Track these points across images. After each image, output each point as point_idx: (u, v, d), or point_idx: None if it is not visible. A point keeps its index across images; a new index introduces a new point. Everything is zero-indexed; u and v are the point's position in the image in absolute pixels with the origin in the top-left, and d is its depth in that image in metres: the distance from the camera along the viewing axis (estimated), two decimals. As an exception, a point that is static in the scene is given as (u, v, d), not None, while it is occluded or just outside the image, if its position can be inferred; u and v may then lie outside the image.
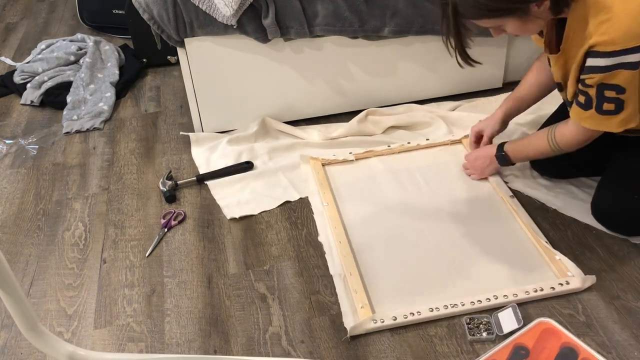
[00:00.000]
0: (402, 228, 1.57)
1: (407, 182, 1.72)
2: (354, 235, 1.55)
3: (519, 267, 1.43)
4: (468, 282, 1.40)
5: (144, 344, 1.33)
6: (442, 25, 1.28)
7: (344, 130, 1.93)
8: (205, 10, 1.74)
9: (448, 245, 1.51)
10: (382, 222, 1.59)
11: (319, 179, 1.73)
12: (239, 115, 1.99)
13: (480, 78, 2.09)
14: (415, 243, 1.52)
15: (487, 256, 1.47)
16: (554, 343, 1.23)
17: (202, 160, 1.88)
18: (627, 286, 1.38)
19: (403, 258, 1.48)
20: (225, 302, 1.42)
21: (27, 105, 2.26)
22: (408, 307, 1.34)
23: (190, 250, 1.57)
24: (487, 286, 1.38)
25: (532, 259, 1.46)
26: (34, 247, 1.61)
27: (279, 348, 1.30)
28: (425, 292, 1.39)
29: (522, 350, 1.22)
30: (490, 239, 1.52)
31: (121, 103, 2.25)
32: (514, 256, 1.47)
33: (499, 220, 1.58)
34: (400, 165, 1.79)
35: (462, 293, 1.37)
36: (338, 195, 1.69)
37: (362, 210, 1.63)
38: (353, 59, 1.95)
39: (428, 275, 1.43)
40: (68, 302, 1.44)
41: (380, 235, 1.55)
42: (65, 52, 2.41)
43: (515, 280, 1.40)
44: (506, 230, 1.54)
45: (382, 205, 1.64)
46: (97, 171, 1.89)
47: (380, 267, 1.46)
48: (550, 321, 1.26)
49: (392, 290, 1.40)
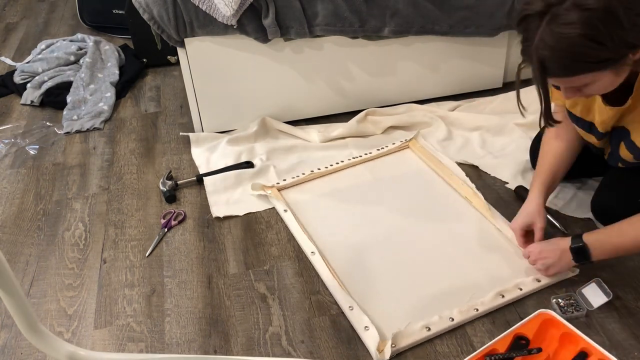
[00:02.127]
0: (380, 244, 1.52)
1: (371, 195, 1.68)
2: (335, 262, 1.47)
3: (499, 267, 1.43)
4: (455, 291, 1.38)
5: (144, 344, 1.33)
6: (517, 84, 1.13)
7: (344, 131, 1.93)
8: (205, 10, 1.74)
9: (431, 256, 1.48)
10: (349, 239, 1.54)
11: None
12: (239, 115, 1.99)
13: (480, 78, 2.09)
14: (396, 259, 1.47)
15: (463, 262, 1.45)
16: (554, 333, 1.24)
17: (202, 160, 1.88)
18: (627, 286, 1.38)
19: (390, 277, 1.43)
20: (225, 302, 1.42)
21: (27, 105, 2.26)
22: (414, 324, 1.29)
23: (190, 250, 1.57)
24: (468, 292, 1.37)
25: (508, 253, 1.47)
26: (34, 247, 1.61)
27: (279, 348, 1.30)
28: (424, 305, 1.35)
29: (522, 340, 1.23)
30: (471, 243, 1.51)
31: (121, 103, 2.25)
32: (490, 255, 1.47)
33: (470, 219, 1.57)
34: (355, 179, 1.75)
35: (456, 302, 1.34)
36: (305, 220, 1.61)
37: (333, 232, 1.57)
38: (353, 59, 1.95)
39: (426, 289, 1.39)
40: (68, 302, 1.44)
41: (360, 256, 1.49)
42: (65, 52, 2.42)
43: (495, 282, 1.39)
44: (482, 231, 1.54)
45: (351, 223, 1.59)
46: (97, 171, 1.89)
47: (369, 290, 1.40)
48: (550, 312, 1.27)
49: (388, 311, 1.35)
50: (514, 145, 1.83)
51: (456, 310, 1.32)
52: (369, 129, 1.95)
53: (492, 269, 1.43)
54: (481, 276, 1.41)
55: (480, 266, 1.44)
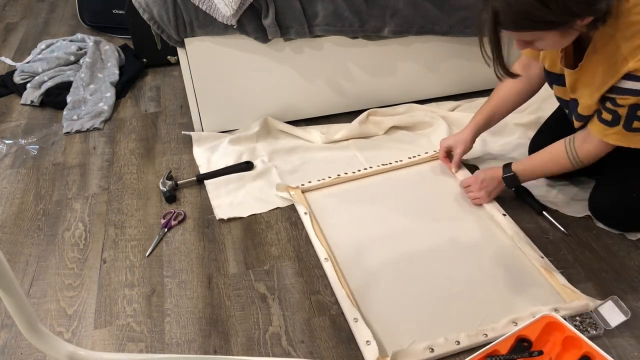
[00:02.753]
0: (394, 257, 1.48)
1: (391, 206, 1.64)
2: (347, 270, 1.45)
3: (516, 292, 1.37)
4: (477, 313, 1.33)
5: (144, 344, 1.33)
6: (479, 33, 1.21)
7: (346, 133, 1.92)
8: (205, 10, 1.74)
9: (446, 273, 1.43)
10: (371, 252, 1.49)
11: (305, 207, 1.63)
12: (239, 116, 1.99)
13: (480, 78, 2.09)
14: (409, 273, 1.43)
15: (491, 285, 1.39)
16: (557, 336, 1.23)
17: (203, 159, 1.88)
18: (627, 286, 1.38)
19: (401, 291, 1.39)
20: (225, 302, 1.41)
21: (27, 105, 2.26)
22: (418, 344, 1.25)
23: (190, 250, 1.57)
24: (492, 315, 1.31)
25: (534, 280, 1.39)
26: (34, 247, 1.61)
27: (279, 348, 1.30)
28: (441, 323, 1.31)
29: (524, 342, 1.22)
30: (489, 263, 1.45)
31: (121, 103, 2.25)
32: (508, 278, 1.40)
33: (493, 241, 1.51)
34: (380, 187, 1.72)
35: (473, 324, 1.29)
36: (323, 224, 1.59)
37: (350, 240, 1.54)
38: (353, 59, 1.95)
39: (436, 307, 1.35)
40: (68, 302, 1.44)
41: (373, 267, 1.45)
42: (65, 52, 2.41)
43: (517, 306, 1.33)
44: (503, 252, 1.47)
45: (369, 232, 1.55)
46: (97, 171, 1.89)
47: (378, 303, 1.36)
48: (554, 315, 1.25)
49: (393, 326, 1.31)
50: (514, 145, 1.83)
51: (464, 334, 1.26)
52: (371, 129, 1.95)
53: (507, 294, 1.37)
54: (495, 300, 1.35)
55: (496, 288, 1.38)
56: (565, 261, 1.46)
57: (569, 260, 1.46)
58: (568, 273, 1.42)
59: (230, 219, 1.65)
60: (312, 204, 1.66)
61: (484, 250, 1.49)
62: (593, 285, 1.39)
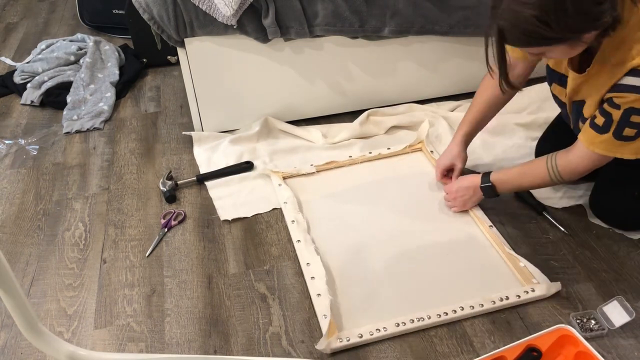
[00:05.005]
0: (368, 242, 1.53)
1: (372, 194, 1.69)
2: (323, 252, 1.50)
3: (484, 277, 1.41)
4: (435, 294, 1.38)
5: (144, 344, 1.33)
6: (485, 46, 1.21)
7: (347, 133, 1.93)
8: (205, 10, 1.74)
9: (413, 257, 1.48)
10: (347, 236, 1.55)
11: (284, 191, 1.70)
12: (239, 116, 1.99)
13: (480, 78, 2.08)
14: (381, 257, 1.49)
15: (452, 267, 1.45)
16: (570, 350, 1.20)
17: (203, 159, 1.88)
18: (627, 286, 1.38)
19: (369, 272, 1.45)
20: (225, 302, 1.42)
21: (27, 105, 2.26)
22: (375, 323, 1.30)
23: (190, 250, 1.57)
24: (453, 298, 1.35)
25: (497, 268, 1.44)
26: (34, 247, 1.61)
27: (279, 348, 1.30)
28: (393, 306, 1.35)
29: (534, 352, 1.20)
30: (455, 248, 1.50)
31: (121, 103, 2.25)
32: (478, 266, 1.45)
33: (460, 228, 1.56)
34: (363, 176, 1.77)
35: (429, 305, 1.34)
36: (304, 209, 1.65)
37: (327, 225, 1.60)
38: (353, 59, 1.95)
39: (394, 288, 1.40)
40: (68, 302, 1.44)
41: (346, 249, 1.51)
42: (66, 52, 2.41)
43: (481, 290, 1.37)
44: (468, 238, 1.52)
45: (346, 219, 1.61)
46: (97, 171, 1.89)
47: (347, 282, 1.42)
48: (569, 328, 1.23)
49: (359, 305, 1.36)
50: (514, 145, 1.83)
51: (425, 313, 1.32)
52: (371, 130, 1.95)
53: (469, 277, 1.42)
54: (459, 286, 1.40)
55: (457, 271, 1.44)
56: (565, 261, 1.46)
57: (569, 260, 1.46)
58: (568, 273, 1.42)
59: (233, 219, 1.65)
60: (293, 190, 1.71)
61: (446, 232, 1.55)
62: (593, 286, 1.39)
